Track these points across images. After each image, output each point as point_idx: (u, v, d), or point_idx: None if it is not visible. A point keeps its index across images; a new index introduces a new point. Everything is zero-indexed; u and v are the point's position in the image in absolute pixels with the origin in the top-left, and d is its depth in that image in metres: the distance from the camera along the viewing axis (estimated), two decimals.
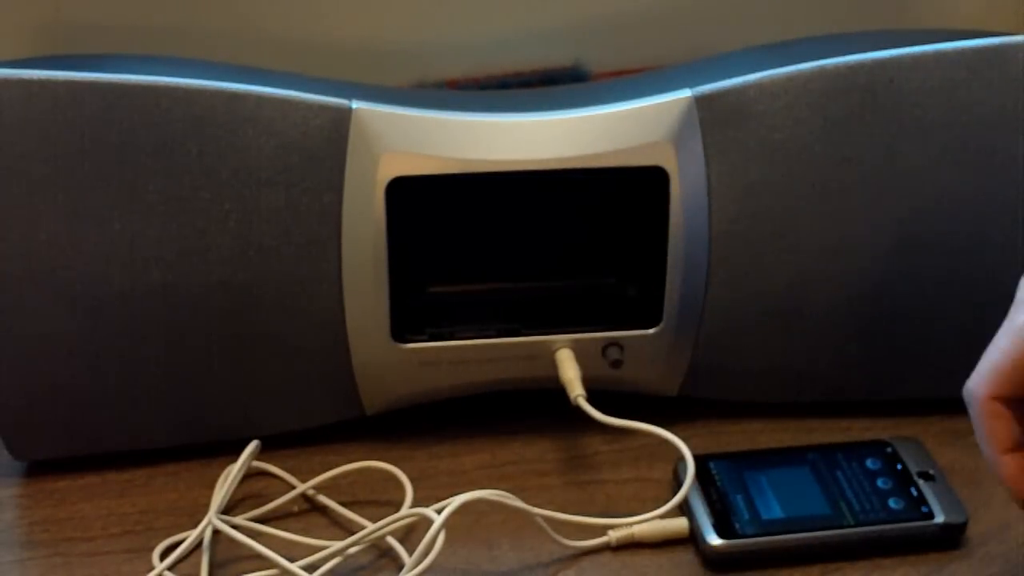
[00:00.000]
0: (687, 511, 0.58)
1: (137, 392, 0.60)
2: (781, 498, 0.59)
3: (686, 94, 0.59)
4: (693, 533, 0.57)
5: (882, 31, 0.72)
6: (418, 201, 0.59)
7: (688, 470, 0.57)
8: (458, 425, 0.66)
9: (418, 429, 0.65)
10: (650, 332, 0.62)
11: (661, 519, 0.57)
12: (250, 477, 0.61)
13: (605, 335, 0.62)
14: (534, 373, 0.63)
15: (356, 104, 0.58)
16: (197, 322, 0.59)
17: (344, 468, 0.61)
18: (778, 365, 0.65)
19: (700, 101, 0.59)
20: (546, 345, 0.62)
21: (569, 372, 0.61)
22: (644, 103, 0.59)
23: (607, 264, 0.63)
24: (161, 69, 0.58)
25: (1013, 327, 0.48)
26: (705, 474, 0.60)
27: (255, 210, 0.58)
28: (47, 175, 0.56)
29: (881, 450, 0.62)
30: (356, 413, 0.64)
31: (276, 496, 0.60)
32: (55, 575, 0.56)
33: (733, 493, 0.59)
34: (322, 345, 0.61)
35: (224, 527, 0.57)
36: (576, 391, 0.60)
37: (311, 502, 0.61)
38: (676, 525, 0.58)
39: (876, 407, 0.66)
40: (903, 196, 0.61)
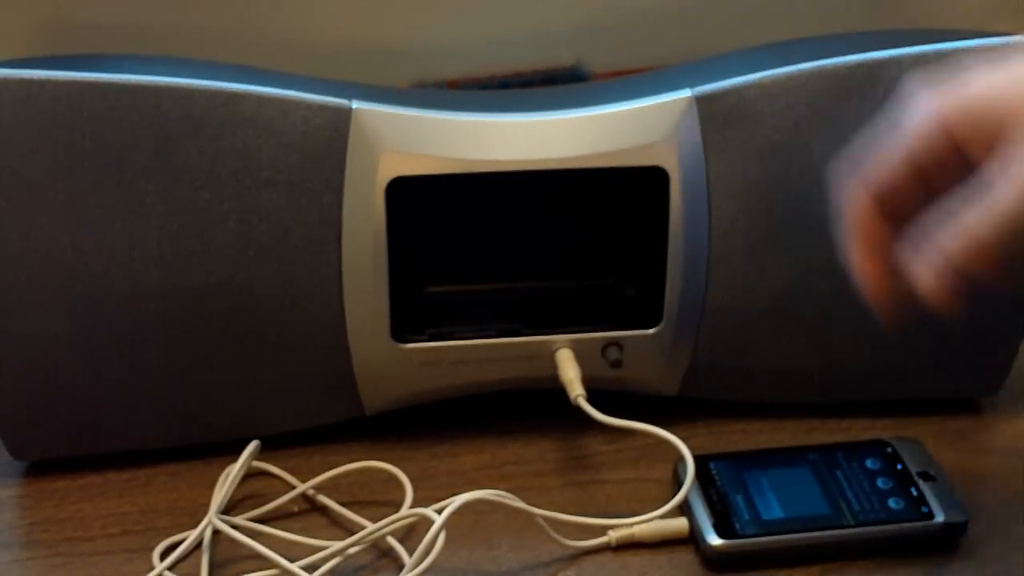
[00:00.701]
0: (687, 511, 0.58)
1: (137, 392, 0.60)
2: (781, 498, 0.59)
3: (686, 94, 0.59)
4: (693, 533, 0.57)
5: (882, 31, 0.72)
6: (418, 201, 0.59)
7: (688, 470, 0.57)
8: (458, 425, 0.66)
9: (418, 429, 0.65)
10: (650, 332, 0.62)
11: (661, 519, 0.57)
12: (250, 477, 0.61)
13: (605, 335, 0.62)
14: (534, 373, 0.63)
15: (356, 104, 0.58)
16: (197, 322, 0.59)
17: (344, 468, 0.61)
18: (778, 365, 0.65)
19: (700, 101, 0.59)
20: (546, 345, 0.62)
21: (569, 372, 0.61)
22: (644, 103, 0.59)
23: (607, 264, 0.63)
24: (161, 69, 0.58)
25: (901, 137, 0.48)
26: (705, 474, 0.60)
27: (255, 210, 0.58)
28: (47, 175, 0.56)
29: (881, 450, 0.62)
30: (356, 413, 0.64)
31: (276, 496, 0.60)
32: (55, 575, 0.56)
33: (733, 493, 0.59)
34: (322, 345, 0.61)
35: (224, 527, 0.57)
36: (576, 391, 0.60)
37: (311, 502, 0.61)
38: (676, 525, 0.58)
39: (876, 407, 0.66)
40: None
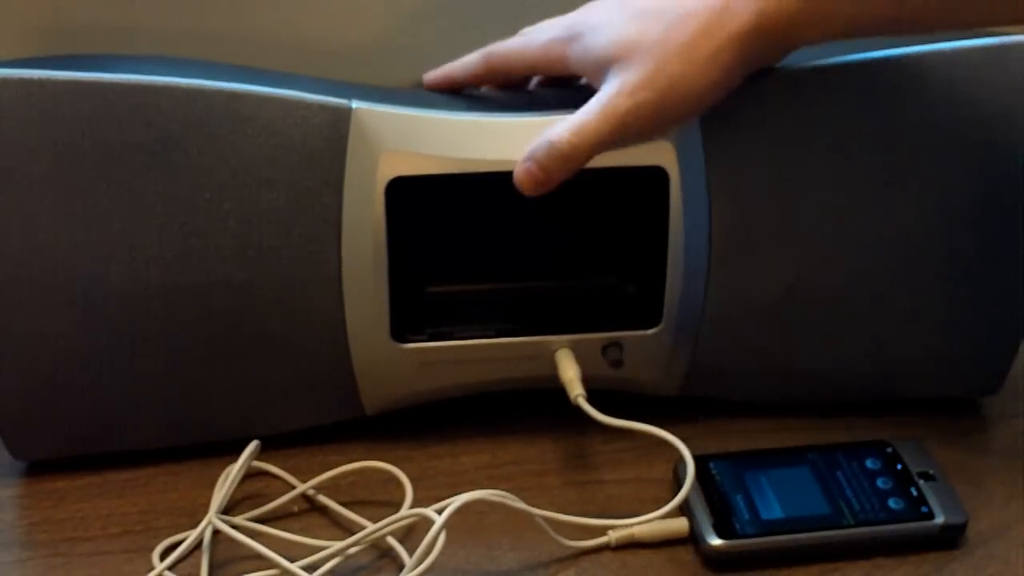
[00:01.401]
0: (687, 511, 0.58)
1: (137, 392, 0.60)
2: (781, 498, 0.59)
3: None
4: (693, 533, 0.57)
5: None
6: (418, 201, 0.59)
7: (688, 470, 0.57)
8: (458, 425, 0.66)
9: (418, 429, 0.65)
10: (650, 332, 0.62)
11: (661, 519, 0.57)
12: (250, 477, 0.61)
13: (605, 335, 0.62)
14: (534, 373, 0.63)
15: (356, 104, 0.58)
16: (197, 322, 0.59)
17: (344, 468, 0.61)
18: (778, 365, 0.65)
19: None
20: (546, 345, 0.62)
21: (569, 372, 0.61)
22: None
23: (607, 264, 0.63)
24: (161, 69, 0.58)
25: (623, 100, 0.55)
26: (705, 474, 0.60)
27: (255, 210, 0.58)
28: (47, 175, 0.56)
29: (881, 450, 0.62)
30: (356, 413, 0.64)
31: (276, 496, 0.60)
32: (55, 575, 0.56)
33: (733, 493, 0.59)
34: (322, 345, 0.61)
35: (224, 527, 0.57)
36: (576, 391, 0.60)
37: (311, 502, 0.61)
38: (676, 525, 0.58)
39: (876, 407, 0.66)
40: (903, 196, 0.61)
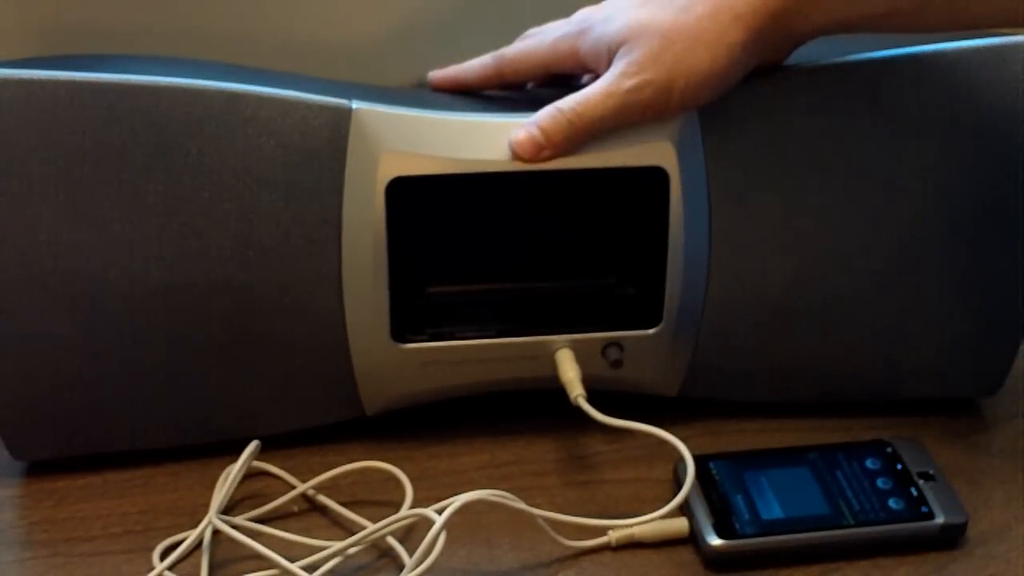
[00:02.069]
0: (687, 511, 0.58)
1: (137, 392, 0.60)
2: (781, 498, 0.59)
3: None
4: (693, 533, 0.57)
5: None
6: (418, 201, 0.59)
7: (688, 471, 0.57)
8: (458, 425, 0.66)
9: (418, 429, 0.65)
10: (650, 332, 0.62)
11: (661, 519, 0.57)
12: (250, 477, 0.61)
13: (605, 335, 0.62)
14: (534, 373, 0.63)
15: (356, 104, 0.58)
16: (197, 322, 0.59)
17: (344, 468, 0.61)
18: (778, 365, 0.65)
19: None
20: (546, 345, 0.62)
21: (569, 372, 0.61)
22: None
23: (607, 264, 0.63)
24: (161, 69, 0.58)
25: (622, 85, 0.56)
26: (705, 474, 0.60)
27: (255, 210, 0.58)
28: (47, 175, 0.56)
29: (881, 450, 0.62)
30: (356, 413, 0.64)
31: (276, 496, 0.60)
32: (55, 575, 0.56)
33: (733, 493, 0.59)
34: (322, 345, 0.61)
35: (224, 527, 0.57)
36: (576, 391, 0.60)
37: (311, 502, 0.61)
38: (676, 525, 0.58)
39: (876, 407, 0.66)
40: (903, 196, 0.61)
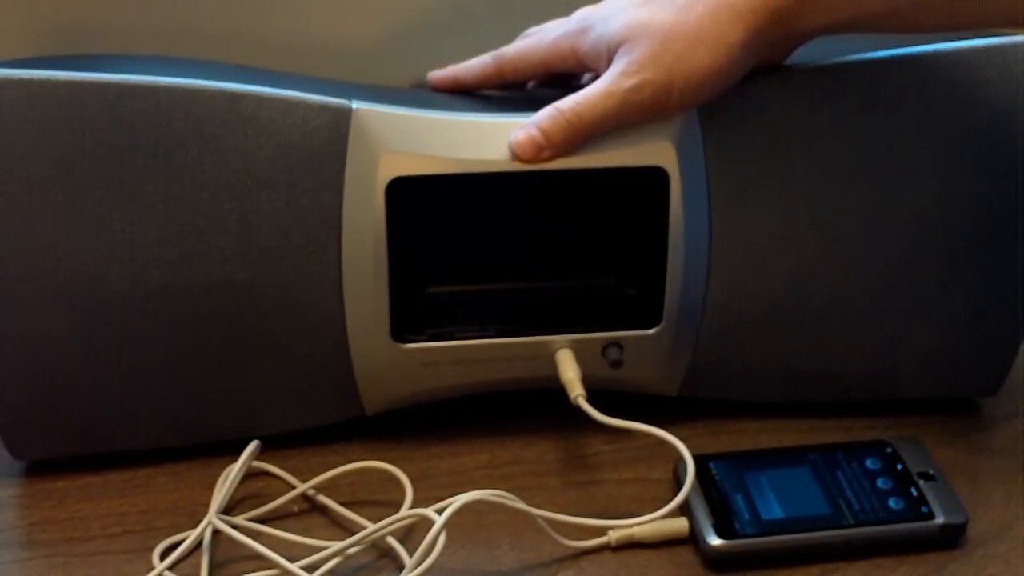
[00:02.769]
0: (687, 511, 0.58)
1: (137, 392, 0.60)
2: (781, 498, 0.59)
3: None
4: (693, 533, 0.57)
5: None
6: (418, 201, 0.59)
7: (688, 471, 0.57)
8: (458, 425, 0.66)
9: (418, 429, 0.65)
10: (650, 332, 0.62)
11: (661, 519, 0.57)
12: (250, 477, 0.61)
13: (605, 335, 0.62)
14: (534, 373, 0.63)
15: (356, 104, 0.58)
16: (197, 322, 0.59)
17: (344, 468, 0.61)
18: (778, 365, 0.65)
19: None
20: (546, 345, 0.62)
21: (569, 372, 0.61)
22: None
23: (607, 264, 0.63)
24: (161, 69, 0.58)
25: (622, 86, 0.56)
26: (705, 474, 0.60)
27: (255, 210, 0.58)
28: (47, 175, 0.56)
29: (881, 450, 0.62)
30: (356, 413, 0.64)
31: (276, 496, 0.60)
32: (55, 575, 0.56)
33: (733, 493, 0.59)
34: (322, 345, 0.61)
35: (224, 527, 0.57)
36: (576, 391, 0.60)
37: (311, 502, 0.61)
38: (676, 525, 0.58)
39: (876, 407, 0.66)
40: (903, 196, 0.61)
